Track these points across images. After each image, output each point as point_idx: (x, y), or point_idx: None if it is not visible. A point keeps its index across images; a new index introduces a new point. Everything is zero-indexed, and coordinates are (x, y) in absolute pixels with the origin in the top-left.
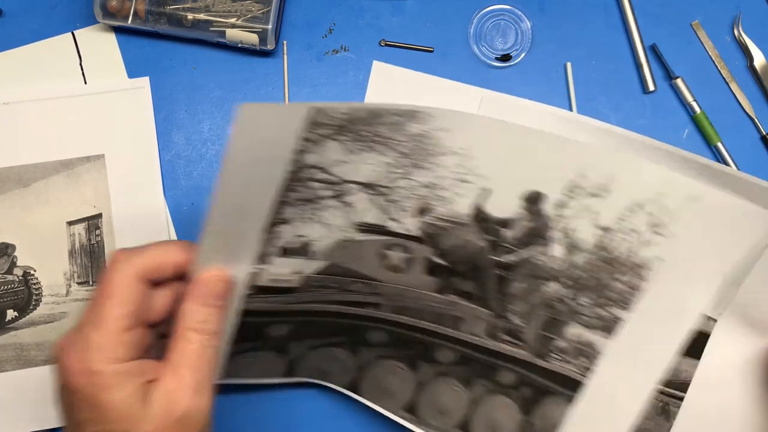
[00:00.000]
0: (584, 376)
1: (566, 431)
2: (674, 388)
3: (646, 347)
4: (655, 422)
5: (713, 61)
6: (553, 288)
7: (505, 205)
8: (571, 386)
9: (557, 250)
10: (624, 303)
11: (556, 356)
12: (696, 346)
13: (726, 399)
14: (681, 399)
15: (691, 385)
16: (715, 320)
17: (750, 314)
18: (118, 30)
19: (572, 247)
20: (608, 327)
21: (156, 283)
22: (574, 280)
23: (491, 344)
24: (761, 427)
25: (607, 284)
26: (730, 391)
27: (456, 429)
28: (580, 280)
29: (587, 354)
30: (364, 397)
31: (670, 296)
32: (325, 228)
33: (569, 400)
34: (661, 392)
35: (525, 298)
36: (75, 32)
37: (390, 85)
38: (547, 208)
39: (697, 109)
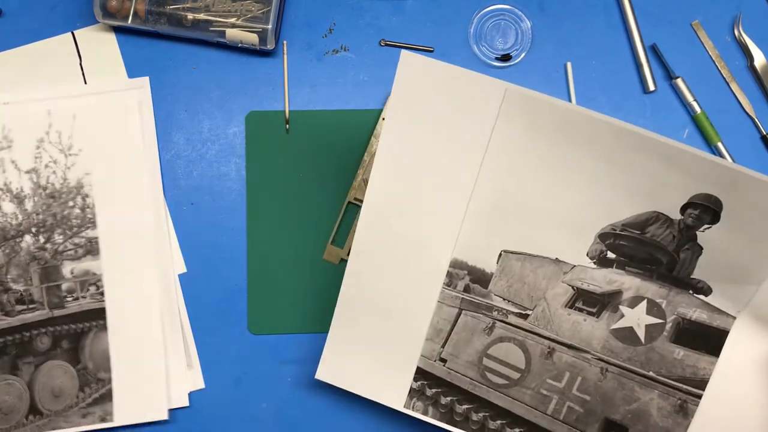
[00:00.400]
0: (103, 300)
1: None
2: (692, 386)
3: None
4: (674, 420)
5: (713, 61)
6: (27, 241)
7: None
8: (98, 316)
9: (7, 207)
10: (90, 223)
11: (69, 298)
12: (715, 344)
13: (744, 396)
14: (699, 397)
15: (709, 383)
16: (734, 317)
17: None
18: (118, 30)
19: (16, 198)
20: (91, 250)
21: None
22: (38, 226)
23: (10, 321)
24: None
25: (66, 215)
26: (748, 388)
27: (25, 418)
28: (43, 223)
29: (91, 281)
30: None
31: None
32: None
33: (104, 327)
34: (679, 389)
35: (11, 262)
36: (75, 32)
37: (418, 76)
38: None
39: (698, 109)
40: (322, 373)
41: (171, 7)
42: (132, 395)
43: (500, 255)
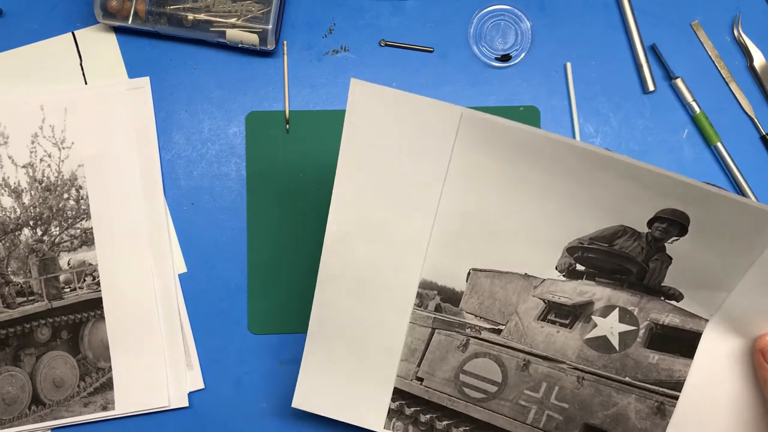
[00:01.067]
0: (99, 290)
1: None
2: (668, 388)
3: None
4: (652, 421)
5: (713, 61)
6: (26, 234)
7: None
8: (95, 306)
9: (6, 201)
10: (85, 214)
11: (67, 289)
12: (689, 346)
13: (719, 393)
14: (675, 398)
15: (685, 384)
16: (706, 320)
17: (742, 316)
18: (118, 30)
19: (14, 192)
20: (86, 240)
21: None
22: (36, 219)
23: (11, 313)
24: (751, 420)
25: (61, 207)
26: (723, 385)
27: (28, 408)
28: (40, 216)
29: (88, 272)
30: None
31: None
32: None
33: (101, 317)
34: (656, 392)
35: (11, 255)
36: (75, 32)
37: (370, 104)
38: None
39: (697, 109)
40: (298, 401)
41: (171, 7)
42: (132, 384)
43: (469, 273)
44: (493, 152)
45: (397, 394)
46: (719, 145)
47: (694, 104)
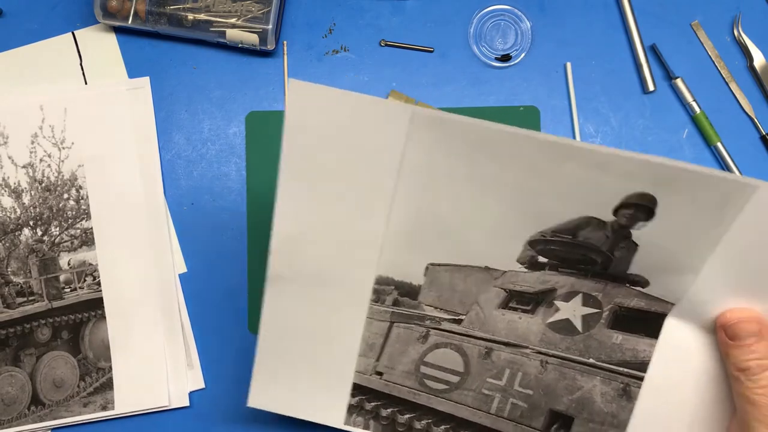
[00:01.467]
0: (99, 290)
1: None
2: (634, 369)
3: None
4: (618, 404)
5: (713, 61)
6: (26, 234)
7: None
8: (95, 306)
9: (6, 201)
10: (85, 214)
11: (67, 289)
12: (654, 327)
13: (684, 375)
14: (641, 379)
15: (650, 365)
16: (672, 304)
17: (707, 298)
18: (118, 30)
19: (14, 192)
20: (87, 240)
21: None
22: (36, 219)
23: (11, 313)
24: (717, 398)
25: (61, 207)
26: (687, 367)
27: (27, 408)
28: (40, 216)
29: (88, 272)
30: None
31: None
32: None
33: (102, 317)
34: (621, 373)
35: (11, 255)
36: (75, 32)
37: (312, 105)
38: None
39: (697, 109)
40: (255, 400)
41: (171, 7)
42: (132, 383)
43: (427, 268)
44: (447, 150)
45: (357, 389)
46: (719, 145)
47: (694, 104)
